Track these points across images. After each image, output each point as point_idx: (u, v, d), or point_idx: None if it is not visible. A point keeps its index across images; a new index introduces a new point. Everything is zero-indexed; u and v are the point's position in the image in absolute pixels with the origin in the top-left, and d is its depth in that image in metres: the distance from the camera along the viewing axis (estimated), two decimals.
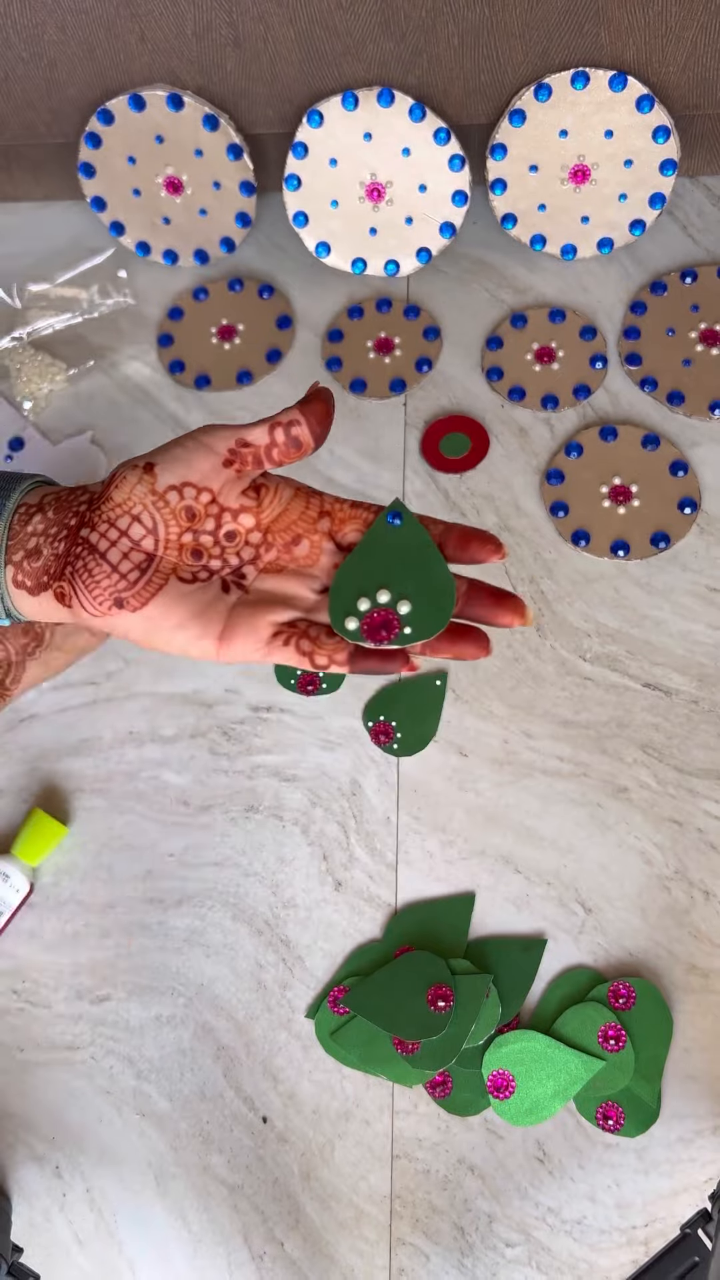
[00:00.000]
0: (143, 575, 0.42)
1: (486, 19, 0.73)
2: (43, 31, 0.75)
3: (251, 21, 0.74)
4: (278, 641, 0.43)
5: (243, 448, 0.44)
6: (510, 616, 0.43)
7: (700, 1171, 0.59)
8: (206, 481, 0.43)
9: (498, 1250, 0.58)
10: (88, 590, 0.42)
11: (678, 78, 0.75)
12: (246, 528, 0.45)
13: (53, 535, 0.43)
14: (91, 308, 0.85)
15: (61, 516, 0.43)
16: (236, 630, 0.43)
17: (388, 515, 0.44)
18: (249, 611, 0.44)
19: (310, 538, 0.45)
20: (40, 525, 0.44)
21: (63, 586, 0.43)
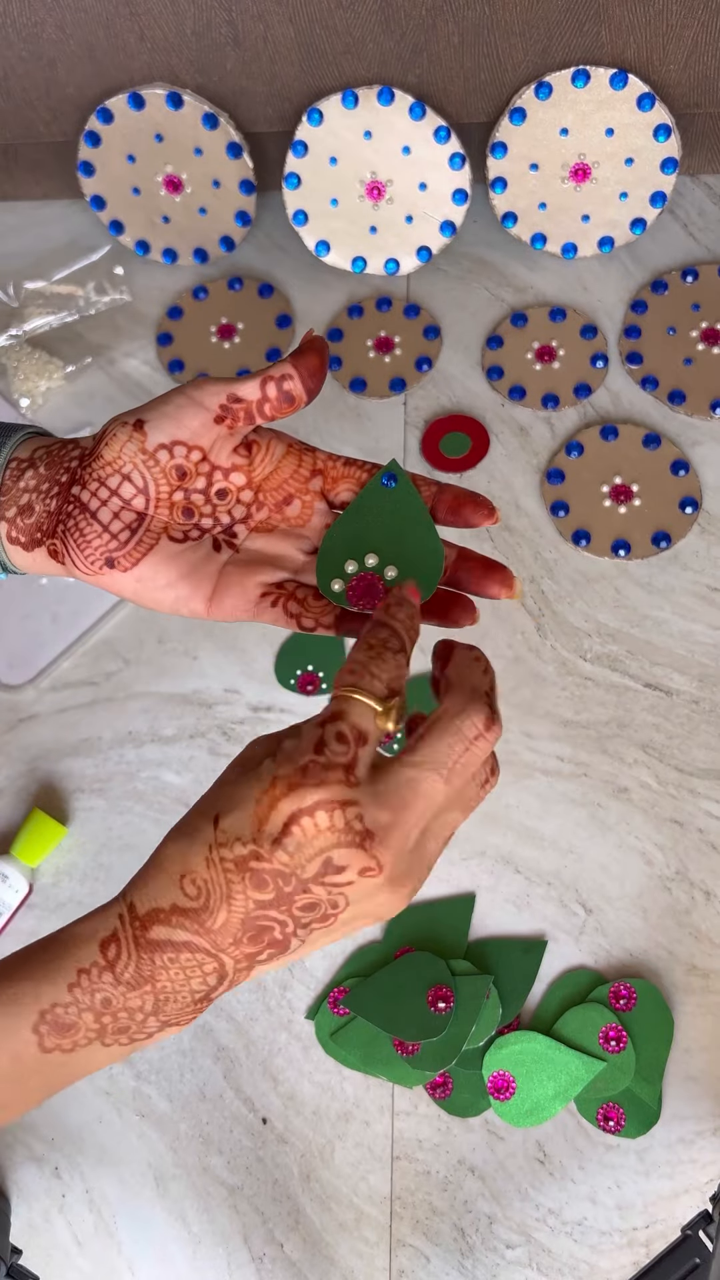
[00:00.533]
0: (133, 535, 0.42)
1: (487, 17, 0.72)
2: (42, 30, 0.75)
3: (251, 20, 0.74)
4: (265, 602, 0.43)
5: (234, 403, 0.42)
6: (498, 588, 0.43)
7: (701, 1173, 0.58)
8: (197, 439, 0.42)
9: (498, 1251, 0.58)
10: (79, 549, 0.42)
11: (679, 76, 0.75)
12: (238, 486, 0.44)
13: (45, 491, 0.43)
14: (88, 305, 0.85)
15: (53, 472, 0.43)
16: (226, 590, 0.43)
17: (382, 476, 0.43)
18: (239, 571, 0.43)
19: (302, 497, 0.45)
20: (32, 481, 0.43)
21: (55, 544, 0.42)
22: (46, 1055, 0.35)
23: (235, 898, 0.35)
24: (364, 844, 0.34)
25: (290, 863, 0.34)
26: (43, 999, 0.35)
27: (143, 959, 0.35)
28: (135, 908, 0.36)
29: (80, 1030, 0.35)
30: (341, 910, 0.35)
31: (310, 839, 0.34)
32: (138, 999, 0.35)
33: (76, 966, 0.35)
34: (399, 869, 0.35)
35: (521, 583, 0.43)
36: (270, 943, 0.35)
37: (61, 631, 0.74)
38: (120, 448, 0.42)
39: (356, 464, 0.45)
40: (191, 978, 0.35)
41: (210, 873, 0.35)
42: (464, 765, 0.36)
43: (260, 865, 0.34)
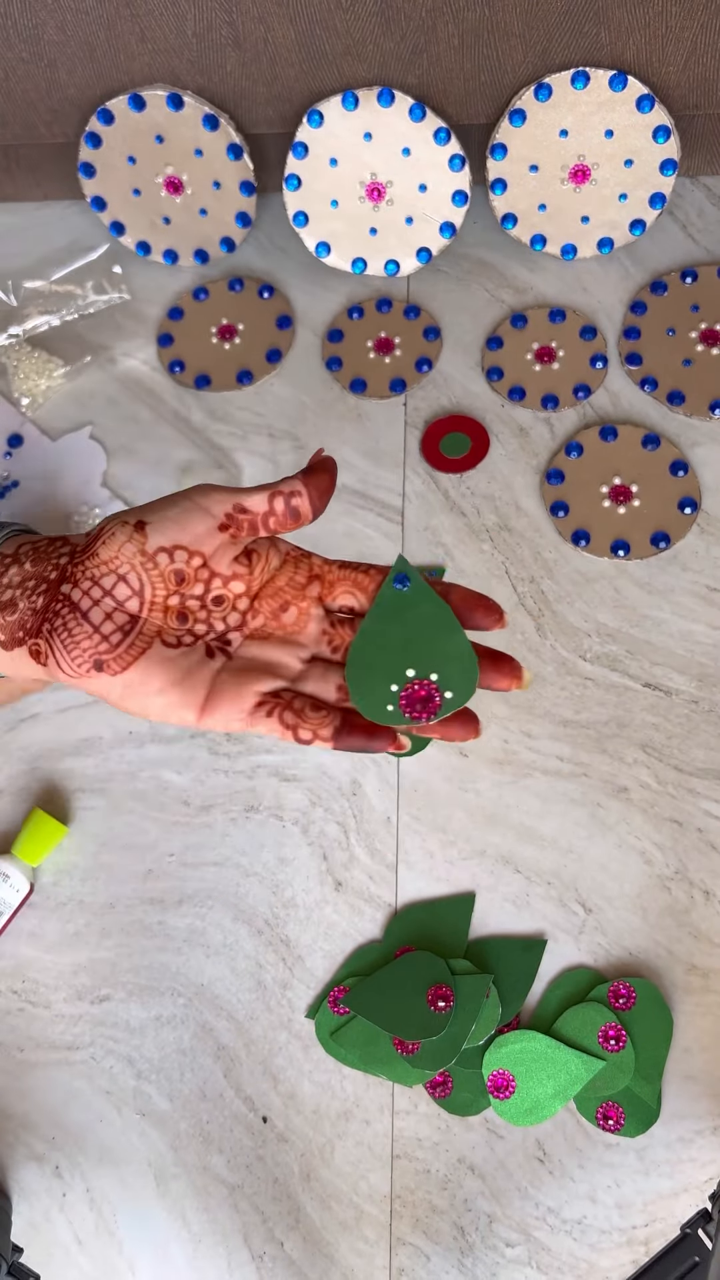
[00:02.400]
0: (125, 637, 0.41)
1: (486, 19, 0.73)
2: (43, 31, 0.75)
3: (251, 21, 0.74)
4: (261, 712, 0.41)
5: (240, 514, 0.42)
6: (507, 680, 0.42)
7: (700, 1171, 0.59)
8: (199, 545, 0.42)
9: (498, 1250, 0.58)
10: (66, 650, 0.40)
11: (678, 77, 0.75)
12: (235, 593, 0.43)
13: (30, 589, 0.41)
14: (87, 304, 0.85)
15: (40, 569, 0.42)
16: (220, 698, 0.41)
17: (394, 580, 0.42)
18: (233, 680, 0.42)
19: (299, 604, 0.44)
20: (16, 577, 0.42)
21: (39, 644, 0.41)
22: None
23: None
24: None
25: None
26: None
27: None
28: None
29: None
30: None
31: None
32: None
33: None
34: None
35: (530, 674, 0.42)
36: None
37: None
38: (119, 548, 0.40)
39: (352, 567, 0.44)
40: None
41: None
42: None
43: None
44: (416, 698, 0.41)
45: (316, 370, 0.82)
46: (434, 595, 0.42)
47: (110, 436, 0.81)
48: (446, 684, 0.41)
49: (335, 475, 0.43)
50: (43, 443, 0.81)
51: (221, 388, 0.82)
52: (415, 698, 0.41)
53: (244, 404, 0.81)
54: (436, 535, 0.74)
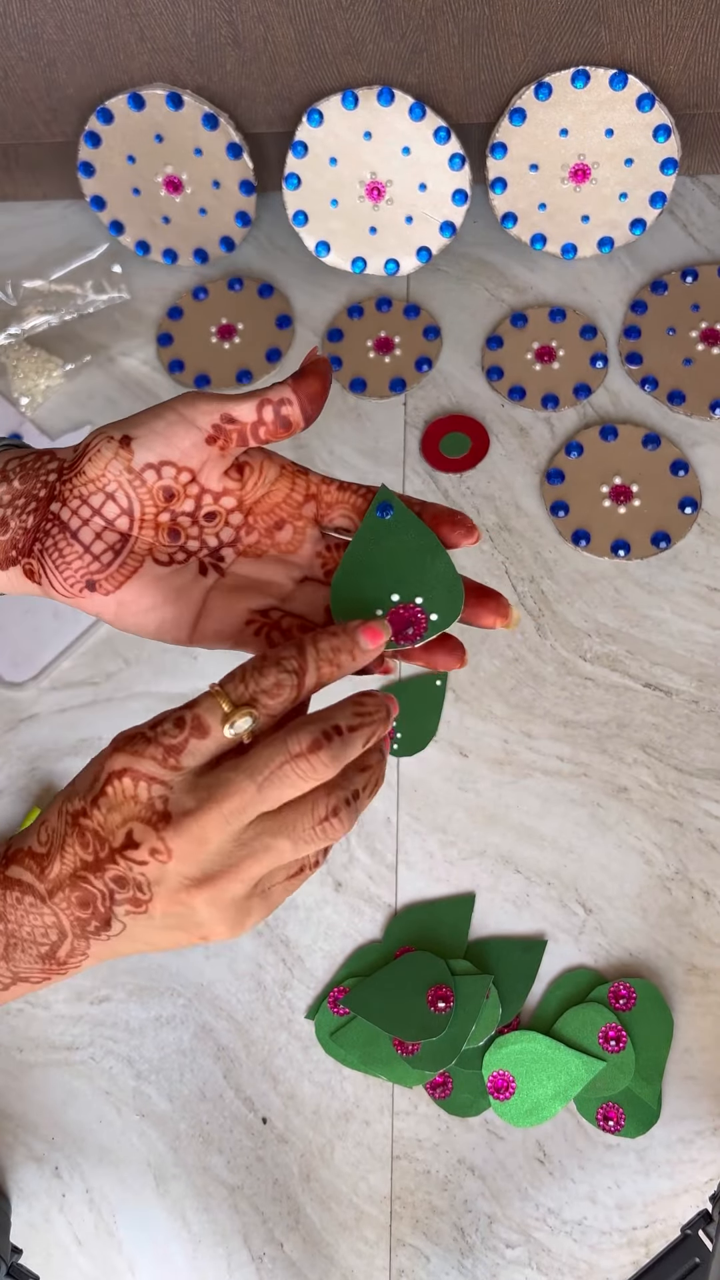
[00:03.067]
0: (116, 556, 0.40)
1: (486, 18, 0.72)
2: (42, 30, 0.75)
3: (251, 20, 0.74)
4: (250, 630, 0.42)
5: (228, 424, 0.40)
6: (492, 617, 0.41)
7: (701, 1172, 0.59)
8: (187, 460, 0.40)
9: (498, 1251, 0.58)
10: (58, 570, 0.40)
11: (678, 76, 0.75)
12: (227, 509, 0.42)
13: (20, 507, 0.40)
14: (86, 304, 0.85)
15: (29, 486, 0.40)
16: (210, 615, 0.42)
17: (377, 509, 0.42)
18: (224, 597, 0.42)
19: (294, 523, 0.43)
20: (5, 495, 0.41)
21: (31, 563, 0.40)
22: None
23: (66, 850, 0.36)
24: (158, 825, 0.35)
25: (104, 823, 0.35)
26: None
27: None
28: (8, 848, 0.38)
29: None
30: (149, 899, 0.36)
31: (118, 803, 0.35)
32: None
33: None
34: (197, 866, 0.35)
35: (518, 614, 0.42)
36: (95, 913, 0.36)
37: (64, 628, 0.74)
38: (105, 465, 0.39)
39: (351, 489, 0.43)
40: (35, 925, 0.37)
41: (57, 823, 0.37)
42: (279, 778, 0.35)
43: (85, 822, 0.36)
44: (402, 621, 0.41)
45: None
46: (418, 522, 0.41)
47: None
48: (431, 607, 0.41)
49: (328, 379, 0.41)
50: (42, 442, 0.81)
51: (221, 387, 0.82)
52: (401, 621, 0.41)
53: None
54: None
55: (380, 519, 0.42)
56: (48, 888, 0.36)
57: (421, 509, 0.42)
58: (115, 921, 0.36)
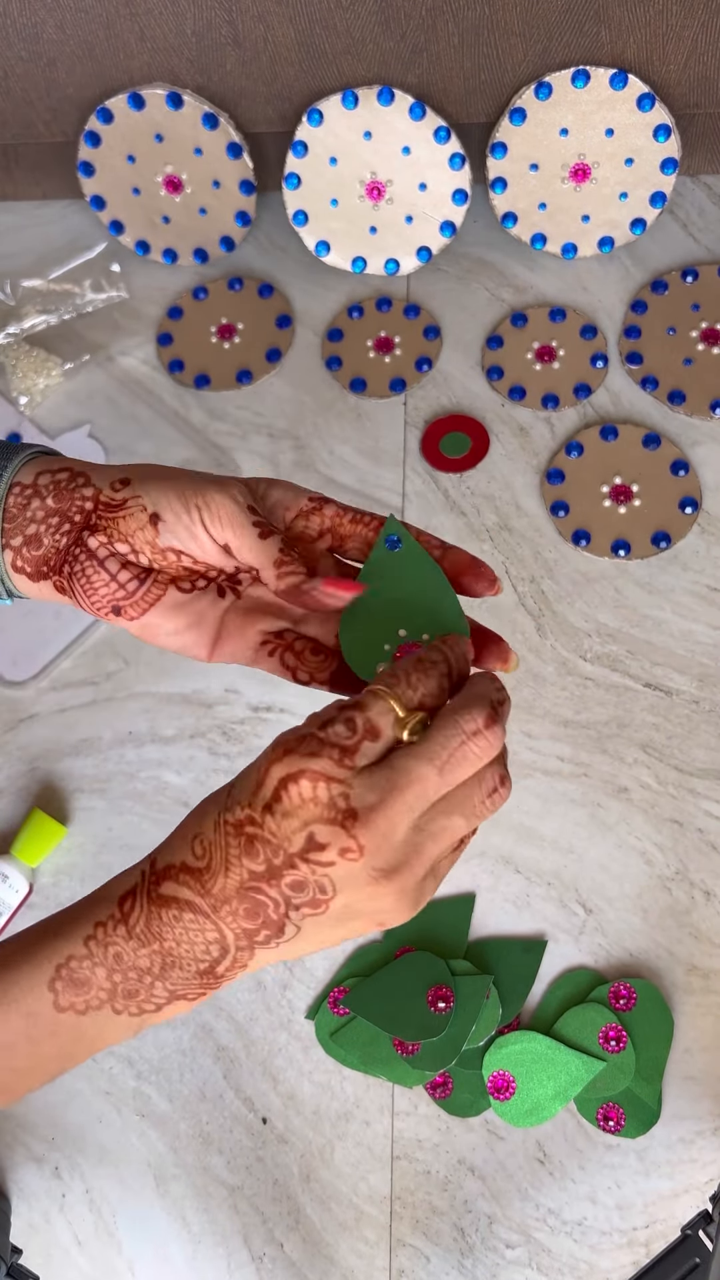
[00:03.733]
0: (141, 585, 0.42)
1: (487, 17, 0.72)
2: (42, 30, 0.75)
3: (251, 20, 0.74)
4: (264, 650, 0.43)
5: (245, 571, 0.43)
6: (495, 661, 0.42)
7: (701, 1172, 0.58)
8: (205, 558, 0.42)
9: (498, 1251, 0.58)
10: (85, 595, 0.42)
11: (678, 76, 0.75)
12: None
13: (54, 526, 0.42)
14: (85, 303, 0.85)
15: (63, 506, 0.42)
16: (227, 636, 0.44)
17: (385, 541, 0.42)
18: (240, 618, 0.44)
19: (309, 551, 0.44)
20: (40, 512, 0.42)
21: (62, 582, 0.43)
22: (61, 1015, 0.36)
23: (232, 864, 0.35)
24: (345, 823, 0.34)
25: (278, 832, 0.35)
26: (60, 953, 0.36)
27: (152, 914, 0.35)
28: (155, 863, 0.37)
29: (93, 988, 0.36)
30: (331, 898, 0.35)
31: (295, 808, 0.34)
32: (146, 958, 0.36)
33: (95, 920, 0.36)
34: (385, 858, 0.35)
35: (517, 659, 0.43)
36: (265, 922, 0.35)
37: (64, 628, 0.74)
38: (133, 530, 0.42)
39: (364, 522, 0.43)
40: (195, 943, 0.36)
41: (216, 835, 0.36)
42: (460, 759, 0.36)
43: (254, 831, 0.35)
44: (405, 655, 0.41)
45: (316, 369, 0.82)
46: (426, 557, 0.42)
47: (109, 435, 0.81)
48: None
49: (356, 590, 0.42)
50: (41, 440, 0.81)
51: (221, 387, 0.82)
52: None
53: (243, 403, 0.81)
54: (437, 535, 0.74)
55: (389, 551, 0.42)
56: (212, 903, 0.35)
57: (443, 553, 0.42)
58: (289, 926, 0.36)
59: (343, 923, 0.36)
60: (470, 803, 0.37)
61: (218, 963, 0.36)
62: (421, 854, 0.36)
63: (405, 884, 0.36)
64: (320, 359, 0.82)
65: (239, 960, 0.36)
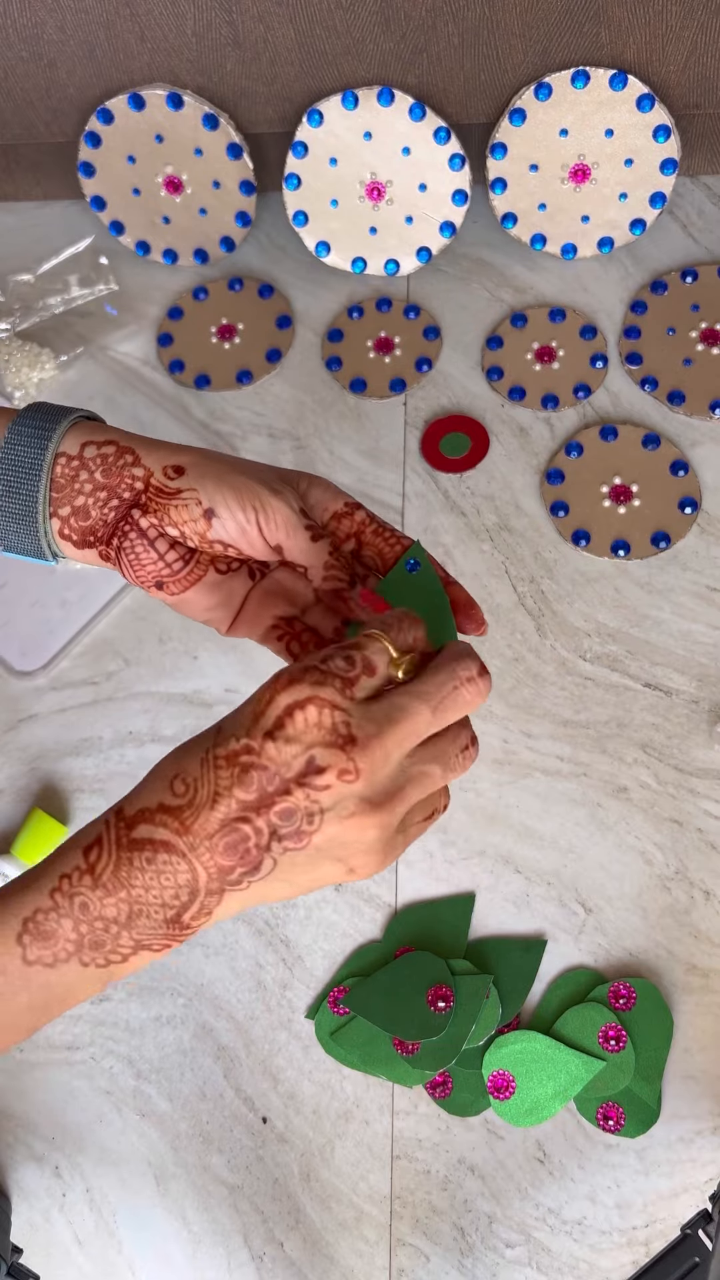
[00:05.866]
0: (185, 565, 0.45)
1: (486, 18, 0.72)
2: (42, 31, 0.75)
3: (251, 21, 0.74)
4: (273, 634, 0.46)
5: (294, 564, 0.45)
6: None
7: (700, 1172, 0.59)
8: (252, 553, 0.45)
9: (498, 1251, 0.58)
10: (131, 568, 0.44)
11: (678, 77, 0.75)
12: None
13: (102, 500, 0.44)
14: (74, 297, 0.85)
15: (112, 483, 0.44)
16: (245, 616, 0.47)
17: (406, 563, 0.45)
18: (258, 601, 0.47)
19: None
20: (88, 485, 0.44)
21: (109, 552, 0.45)
22: (30, 969, 0.36)
23: (221, 795, 0.36)
24: (346, 747, 0.36)
25: (277, 757, 0.36)
26: (26, 906, 0.36)
27: (121, 859, 0.36)
28: (123, 811, 0.37)
29: (60, 940, 0.36)
30: (315, 830, 0.37)
31: (300, 733, 0.36)
32: (113, 906, 0.36)
33: (60, 872, 0.36)
34: (375, 788, 0.37)
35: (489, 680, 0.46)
36: (244, 857, 0.36)
37: (71, 618, 0.75)
38: (185, 519, 0.43)
39: (384, 536, 0.46)
40: (165, 887, 0.36)
41: (202, 770, 0.37)
42: (452, 702, 0.39)
43: (250, 760, 0.36)
44: None
45: (316, 370, 0.82)
46: (438, 584, 0.45)
47: None
48: None
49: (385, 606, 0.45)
50: None
51: (221, 388, 0.82)
52: None
53: (243, 404, 0.81)
54: (436, 535, 0.74)
55: (407, 572, 0.45)
56: (189, 842, 0.36)
57: (445, 582, 0.45)
58: (267, 860, 0.37)
59: (316, 864, 0.38)
60: (447, 755, 0.40)
61: (185, 908, 0.37)
62: (404, 794, 0.38)
63: (386, 821, 0.37)
64: (320, 359, 0.82)
65: (206, 906, 0.37)
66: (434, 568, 0.45)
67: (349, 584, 0.45)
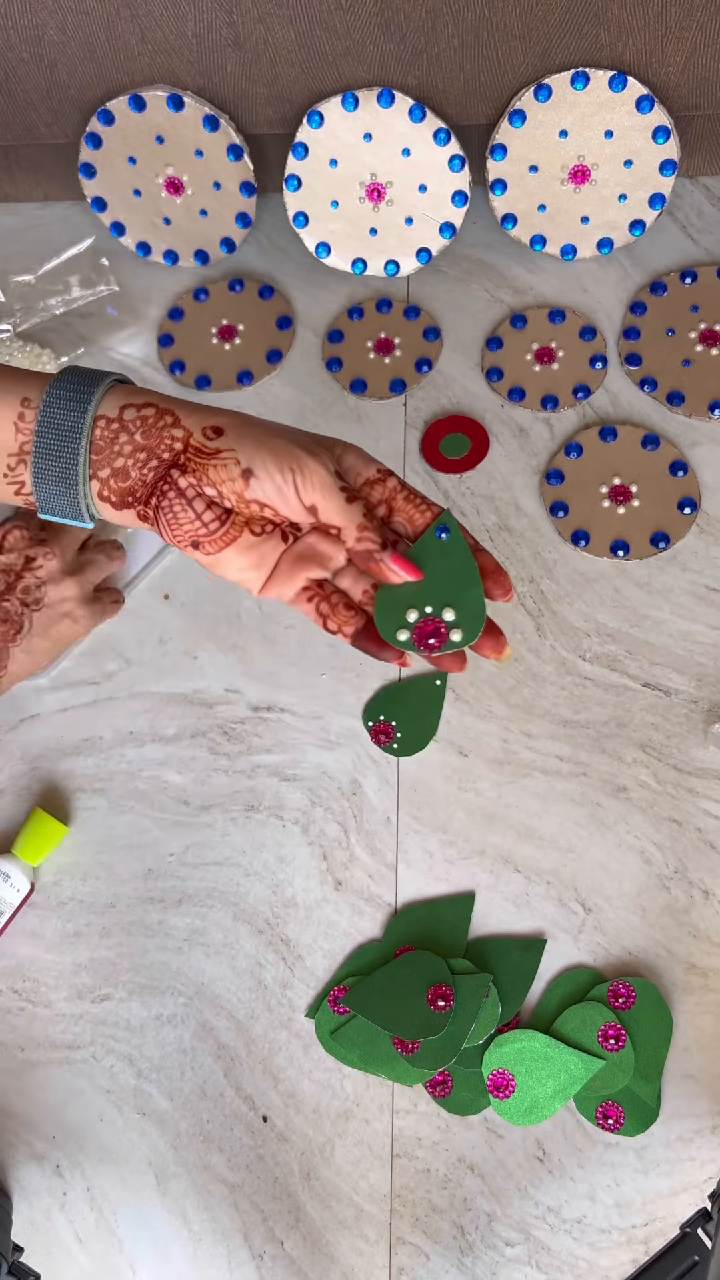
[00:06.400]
0: (221, 525, 0.46)
1: (486, 19, 0.73)
2: (43, 32, 0.75)
3: (252, 22, 0.74)
4: (304, 596, 0.48)
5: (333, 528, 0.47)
6: (490, 649, 0.47)
7: (700, 1170, 0.59)
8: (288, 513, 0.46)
9: (497, 1249, 0.59)
10: (169, 527, 0.45)
11: (677, 78, 0.75)
12: None
13: (141, 461, 0.45)
14: (75, 298, 0.86)
15: (152, 443, 0.45)
16: (277, 577, 0.48)
17: (436, 529, 0.46)
18: (290, 563, 0.48)
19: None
20: (127, 447, 0.45)
21: (148, 511, 0.46)
22: None
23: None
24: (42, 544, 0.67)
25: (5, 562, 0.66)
26: None
27: None
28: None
29: None
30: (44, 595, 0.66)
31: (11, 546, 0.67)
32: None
33: None
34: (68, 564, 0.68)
35: (510, 651, 0.49)
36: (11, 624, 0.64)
37: None
38: (223, 479, 0.45)
39: (414, 503, 0.48)
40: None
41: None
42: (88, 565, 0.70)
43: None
44: (426, 631, 0.46)
45: (316, 371, 0.82)
46: (467, 551, 0.46)
47: None
48: (455, 625, 0.47)
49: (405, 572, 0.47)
50: None
51: (222, 388, 0.82)
52: (425, 631, 0.47)
53: (244, 404, 0.81)
54: None
55: (436, 539, 0.47)
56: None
57: (474, 549, 0.47)
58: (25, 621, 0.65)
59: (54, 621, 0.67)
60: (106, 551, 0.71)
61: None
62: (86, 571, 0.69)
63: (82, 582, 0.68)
64: (320, 360, 0.82)
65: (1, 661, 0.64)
66: (464, 535, 0.47)
67: (381, 546, 0.46)
